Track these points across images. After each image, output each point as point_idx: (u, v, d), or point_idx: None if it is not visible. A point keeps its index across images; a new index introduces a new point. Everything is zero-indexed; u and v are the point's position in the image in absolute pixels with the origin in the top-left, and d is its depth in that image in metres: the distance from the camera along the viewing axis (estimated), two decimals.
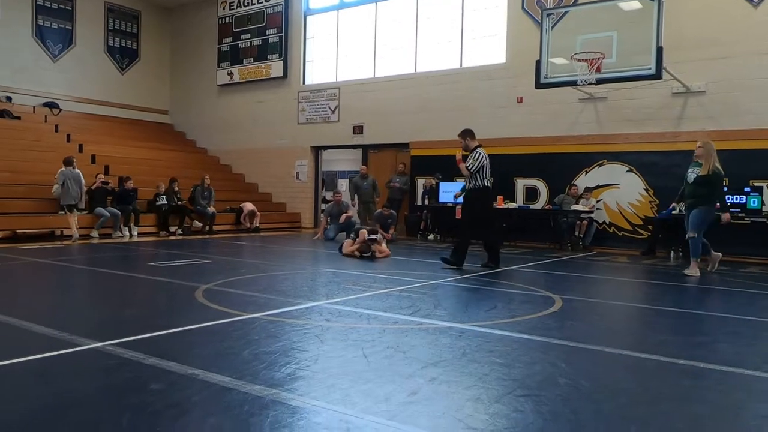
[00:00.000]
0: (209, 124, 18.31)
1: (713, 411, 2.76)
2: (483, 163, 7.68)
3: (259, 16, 17.01)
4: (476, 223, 7.87)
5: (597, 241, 11.57)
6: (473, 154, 7.74)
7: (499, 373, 3.17)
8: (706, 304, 6.05)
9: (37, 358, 3.25)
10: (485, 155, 7.75)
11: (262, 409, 2.55)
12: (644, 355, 3.63)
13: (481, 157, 7.68)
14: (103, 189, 11.91)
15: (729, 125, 10.43)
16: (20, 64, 15.73)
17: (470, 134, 8.03)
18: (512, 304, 5.27)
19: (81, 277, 7.00)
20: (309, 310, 4.76)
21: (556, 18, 10.86)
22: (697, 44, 10.60)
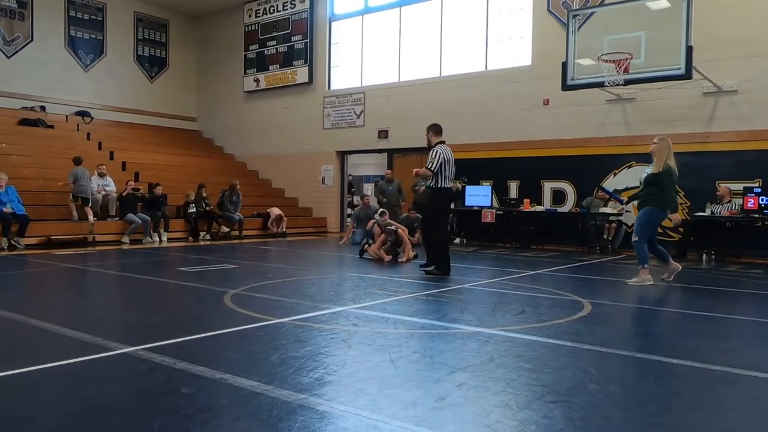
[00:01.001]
0: (236, 130, 18.52)
1: (747, 418, 2.70)
2: (442, 160, 7.27)
3: (284, 22, 17.17)
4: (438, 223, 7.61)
5: (626, 245, 11.38)
6: (432, 152, 7.38)
7: (528, 379, 3.14)
8: (739, 309, 5.91)
9: (72, 363, 3.32)
10: (445, 152, 7.36)
11: (290, 413, 2.57)
12: (676, 361, 3.57)
13: (439, 155, 7.27)
14: (134, 195, 12.13)
15: (762, 125, 10.20)
16: (53, 75, 16.12)
17: (435, 129, 7.71)
18: (540, 309, 5.22)
19: (112, 283, 7.14)
20: (336, 315, 4.78)
21: (582, 19, 10.74)
22: (728, 43, 10.39)
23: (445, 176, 7.30)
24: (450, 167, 7.36)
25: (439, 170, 7.23)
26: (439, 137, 7.59)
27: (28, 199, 11.06)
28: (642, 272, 6.99)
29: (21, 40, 15.58)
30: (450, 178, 7.39)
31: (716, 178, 10.43)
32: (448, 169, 7.35)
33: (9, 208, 10.08)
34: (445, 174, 7.29)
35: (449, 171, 7.36)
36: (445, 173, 7.30)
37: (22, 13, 15.58)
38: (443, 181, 7.32)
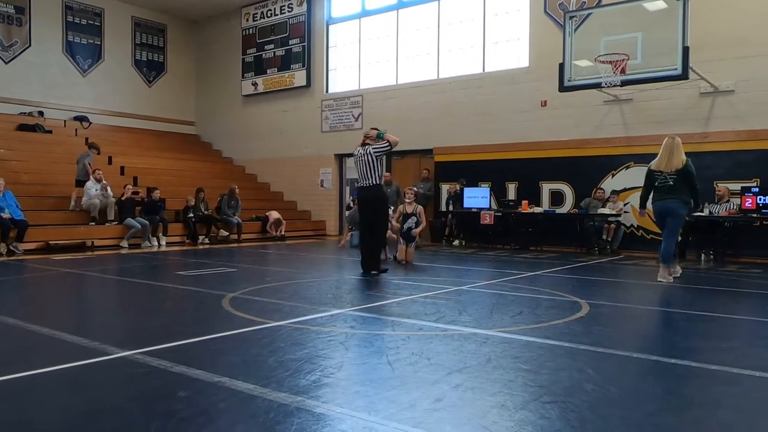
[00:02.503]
0: (235, 134, 18.54)
1: (745, 418, 2.70)
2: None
3: (282, 26, 17.20)
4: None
5: (625, 245, 11.40)
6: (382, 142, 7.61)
7: (525, 380, 3.14)
8: (738, 308, 5.91)
9: (69, 367, 3.31)
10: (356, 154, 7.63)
11: (287, 416, 2.56)
12: (674, 361, 3.57)
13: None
14: (132, 200, 12.14)
15: (759, 125, 10.22)
16: (51, 80, 16.14)
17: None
18: (538, 310, 5.21)
19: (110, 287, 7.13)
20: (334, 318, 4.78)
21: (579, 20, 10.76)
22: (725, 43, 10.41)
23: (361, 176, 7.53)
24: (358, 167, 7.58)
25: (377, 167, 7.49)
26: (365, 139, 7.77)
27: (27, 204, 11.06)
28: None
29: (19, 45, 15.59)
30: (361, 178, 7.54)
31: (714, 178, 10.43)
32: (357, 169, 7.60)
33: (7, 213, 10.09)
34: (361, 174, 7.53)
35: (358, 171, 7.58)
36: (361, 173, 7.54)
37: (19, 19, 15.60)
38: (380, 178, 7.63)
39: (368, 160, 7.43)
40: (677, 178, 7.09)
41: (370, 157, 7.44)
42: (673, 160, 7.11)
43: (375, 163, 7.45)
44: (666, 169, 7.16)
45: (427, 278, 7.36)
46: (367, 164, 7.44)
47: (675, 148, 7.13)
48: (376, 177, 7.47)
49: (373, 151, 7.48)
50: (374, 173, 7.44)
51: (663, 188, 7.19)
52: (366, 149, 7.51)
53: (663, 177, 7.17)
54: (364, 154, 7.48)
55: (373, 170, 7.44)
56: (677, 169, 7.07)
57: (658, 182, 7.22)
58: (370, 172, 7.44)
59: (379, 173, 7.51)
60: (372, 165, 7.44)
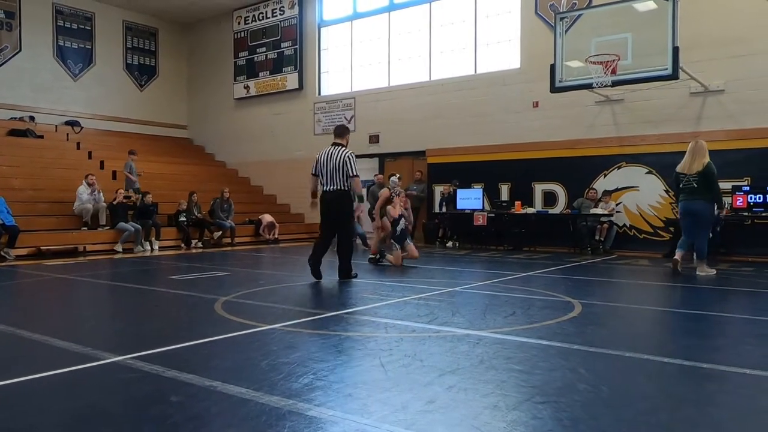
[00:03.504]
0: (227, 137, 18.50)
1: (736, 415, 2.71)
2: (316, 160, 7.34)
3: (273, 29, 17.19)
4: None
5: (617, 245, 11.45)
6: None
7: (518, 380, 3.14)
8: (729, 307, 5.94)
9: (60, 373, 3.29)
10: (321, 154, 7.31)
11: (279, 419, 2.56)
12: (666, 360, 3.58)
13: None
14: (124, 204, 12.09)
15: (749, 124, 10.29)
16: (42, 84, 16.07)
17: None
18: (531, 310, 5.23)
19: (102, 292, 7.11)
20: (327, 320, 4.77)
21: (569, 21, 10.80)
22: (715, 43, 10.48)
23: (326, 179, 7.17)
24: (320, 168, 7.23)
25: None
26: (336, 138, 7.40)
27: (18, 209, 11.00)
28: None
29: (9, 50, 15.52)
30: (325, 181, 7.18)
31: None
32: (318, 169, 7.28)
33: None
34: (325, 177, 7.18)
35: (320, 172, 7.25)
36: (326, 176, 7.18)
37: (9, 24, 15.53)
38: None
39: (341, 164, 7.05)
40: (699, 180, 7.53)
41: (343, 161, 7.06)
42: (694, 162, 7.59)
43: (345, 168, 7.06)
44: (689, 171, 7.63)
45: (421, 279, 7.36)
46: (339, 167, 7.05)
47: (698, 151, 7.61)
48: (344, 181, 7.08)
49: (349, 159, 7.09)
50: (342, 177, 7.07)
51: (687, 189, 7.65)
52: (340, 152, 7.12)
53: (687, 179, 7.64)
54: (338, 156, 7.08)
55: (342, 174, 7.06)
56: (698, 172, 7.52)
57: (683, 184, 7.70)
58: (339, 175, 7.07)
59: (347, 178, 7.09)
60: (342, 169, 7.05)
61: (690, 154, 7.67)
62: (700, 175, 7.51)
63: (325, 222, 7.35)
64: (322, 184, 7.22)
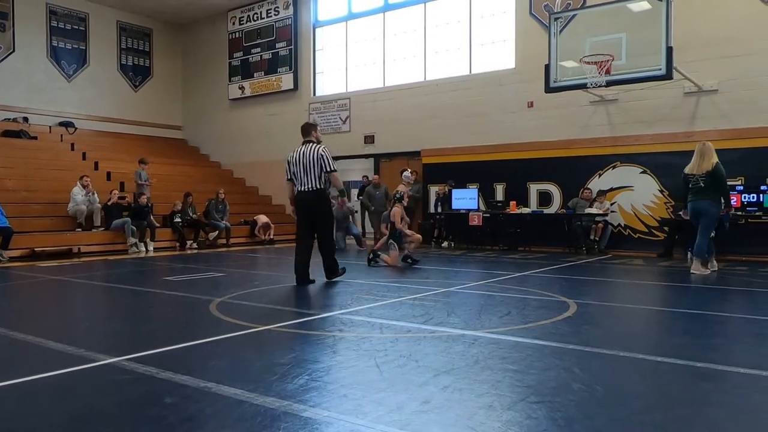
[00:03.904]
0: (222, 138, 18.46)
1: (731, 414, 2.72)
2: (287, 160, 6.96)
3: (268, 29, 17.17)
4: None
5: (612, 244, 11.47)
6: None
7: (513, 380, 3.14)
8: (724, 306, 5.96)
9: (54, 375, 3.28)
10: (292, 154, 6.94)
11: (274, 420, 2.55)
12: (661, 359, 3.59)
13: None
14: (119, 205, 12.06)
15: (743, 123, 10.32)
16: (36, 85, 16.00)
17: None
18: (526, 310, 5.23)
19: (97, 294, 7.08)
20: (322, 321, 4.77)
21: (564, 21, 10.83)
22: (708, 43, 10.51)
23: (299, 180, 6.81)
24: (293, 169, 6.85)
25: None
26: (304, 137, 7.09)
27: (12, 211, 10.95)
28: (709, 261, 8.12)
29: (2, 51, 15.45)
30: (299, 182, 6.82)
31: None
32: (291, 172, 6.89)
33: None
34: (299, 177, 6.81)
35: (293, 173, 6.87)
36: (299, 176, 6.81)
37: (3, 24, 15.46)
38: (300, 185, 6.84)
39: (314, 161, 6.72)
40: (708, 180, 7.73)
41: (316, 157, 6.73)
42: (703, 163, 7.79)
43: (320, 165, 6.75)
44: (697, 171, 7.81)
45: (416, 280, 7.36)
46: (312, 165, 6.72)
47: (705, 152, 7.82)
48: (320, 180, 6.76)
49: (323, 155, 6.77)
50: (318, 175, 6.75)
51: (695, 189, 7.86)
52: (312, 149, 6.79)
53: (695, 179, 7.84)
54: (310, 153, 6.76)
55: (318, 172, 6.74)
56: (707, 172, 7.72)
57: (692, 184, 7.90)
58: (313, 174, 6.73)
59: (324, 177, 6.82)
60: (316, 167, 6.73)
61: (698, 155, 7.87)
62: (708, 175, 7.71)
63: (303, 224, 6.92)
64: (297, 185, 6.84)
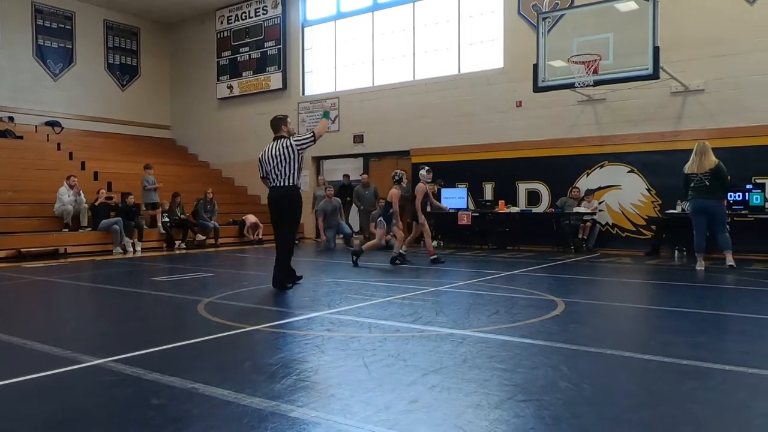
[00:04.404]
0: (211, 137, 18.37)
1: (716, 411, 2.74)
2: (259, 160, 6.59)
3: (257, 28, 17.11)
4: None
5: (600, 243, 11.54)
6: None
7: (501, 379, 3.15)
8: (710, 304, 6.00)
9: (39, 377, 3.25)
10: (265, 151, 6.56)
11: (261, 421, 2.54)
12: (647, 357, 3.61)
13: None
14: (106, 205, 11.97)
15: (729, 123, 10.41)
16: (21, 84, 15.83)
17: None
18: (515, 309, 5.25)
19: (84, 295, 7.03)
20: (310, 321, 4.76)
21: (552, 21, 10.87)
22: (695, 43, 10.60)
23: (272, 176, 6.48)
24: (265, 167, 6.52)
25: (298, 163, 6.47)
26: (275, 133, 6.68)
27: None
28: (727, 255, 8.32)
29: None
30: (272, 178, 6.49)
31: None
32: (264, 170, 6.57)
33: None
34: (272, 174, 6.48)
35: (265, 171, 6.55)
36: (272, 174, 6.47)
37: None
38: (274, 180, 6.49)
39: (287, 155, 6.33)
40: (711, 178, 8.01)
41: (289, 151, 6.34)
42: (704, 162, 8.06)
43: (295, 159, 6.37)
44: (699, 171, 8.10)
45: (405, 279, 7.36)
46: (286, 160, 6.34)
47: (705, 151, 8.12)
48: (294, 176, 6.39)
49: (296, 144, 6.37)
50: (292, 171, 6.37)
51: (700, 188, 8.12)
52: (284, 143, 6.40)
53: (698, 178, 8.09)
54: (282, 148, 6.37)
55: (291, 167, 6.36)
56: (710, 170, 8.00)
57: (694, 183, 8.17)
58: (287, 169, 6.36)
59: (297, 172, 6.43)
60: (291, 161, 6.34)
61: (698, 155, 8.14)
62: (712, 173, 7.97)
63: (275, 222, 6.67)
64: (270, 182, 6.54)
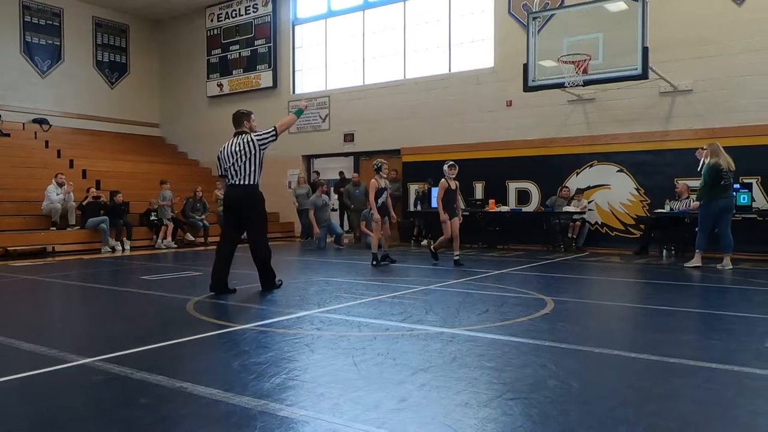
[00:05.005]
0: (200, 136, 18.27)
1: (702, 409, 2.77)
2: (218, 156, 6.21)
3: (247, 26, 17.04)
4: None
5: (590, 242, 11.60)
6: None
7: (490, 377, 3.16)
8: (698, 302, 6.06)
9: (24, 376, 3.22)
10: (224, 147, 6.16)
11: (249, 420, 2.54)
12: (635, 355, 3.64)
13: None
14: (95, 203, 11.89)
15: (717, 123, 10.49)
16: (8, 81, 15.69)
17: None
18: (504, 308, 5.26)
19: (71, 293, 6.97)
20: (300, 320, 4.75)
21: (542, 21, 10.90)
22: (683, 43, 10.67)
23: (231, 175, 6.09)
24: (224, 164, 6.14)
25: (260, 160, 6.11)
26: (236, 128, 6.30)
27: None
28: (695, 255, 8.40)
29: None
30: (230, 175, 6.10)
31: (674, 175, 10.68)
32: (221, 166, 6.21)
33: None
34: (230, 172, 6.10)
35: (224, 168, 6.16)
36: (230, 171, 6.10)
37: None
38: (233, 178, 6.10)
39: (247, 151, 5.99)
40: (733, 177, 8.26)
41: (250, 147, 6.00)
42: (729, 161, 8.10)
43: (256, 156, 6.03)
44: (730, 168, 8.12)
45: (395, 278, 7.37)
46: (246, 156, 5.99)
47: (722, 150, 8.15)
48: (254, 174, 6.04)
49: (257, 140, 6.05)
50: (253, 169, 6.02)
51: (728, 186, 8.18)
52: (244, 138, 6.07)
53: (728, 176, 8.11)
54: (242, 144, 6.02)
55: (252, 165, 6.01)
56: (732, 170, 8.17)
57: (724, 181, 8.11)
58: (247, 167, 5.99)
59: (258, 170, 6.09)
60: (251, 157, 6.00)
61: (723, 153, 8.13)
62: (733, 173, 8.17)
63: (230, 223, 6.26)
64: (228, 180, 6.15)
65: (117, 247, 11.68)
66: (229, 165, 6.07)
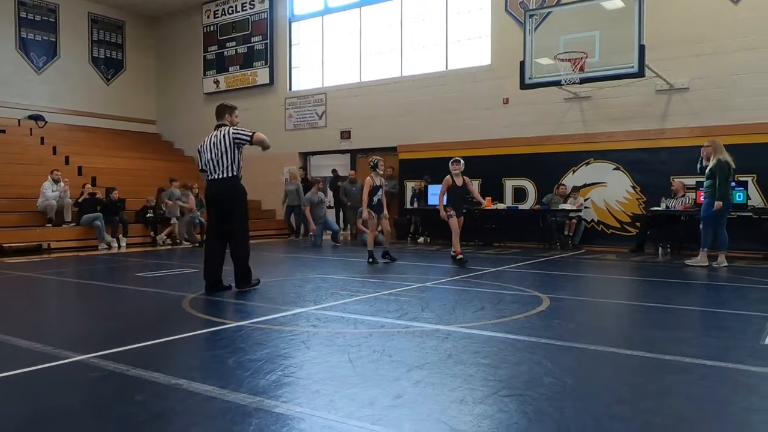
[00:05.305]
0: (196, 132, 18.09)
1: (697, 406, 2.77)
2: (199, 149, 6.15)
3: (244, 23, 17.00)
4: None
5: (586, 240, 11.62)
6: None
7: (485, 374, 3.17)
8: (693, 299, 6.08)
9: (19, 373, 3.21)
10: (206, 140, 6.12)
11: (245, 416, 2.53)
12: (630, 352, 3.65)
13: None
14: (91, 200, 11.86)
15: (713, 121, 10.50)
16: (3, 77, 15.63)
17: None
18: (500, 305, 5.27)
19: (67, 290, 6.96)
20: (296, 317, 4.75)
21: (539, 19, 10.90)
22: (680, 42, 10.68)
23: (211, 169, 6.01)
24: (205, 158, 6.07)
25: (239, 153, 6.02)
26: (218, 120, 6.27)
27: None
28: (701, 254, 8.27)
29: None
30: (210, 169, 6.02)
31: (670, 173, 10.70)
32: (201, 160, 6.15)
33: None
34: (210, 166, 6.02)
35: (204, 162, 6.10)
36: (210, 165, 6.02)
37: None
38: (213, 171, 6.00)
39: (225, 144, 5.91)
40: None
41: (227, 140, 5.91)
42: (729, 157, 8.08)
43: (234, 149, 5.92)
44: (732, 165, 8.11)
45: (392, 275, 7.37)
46: (224, 147, 5.91)
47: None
48: (233, 167, 5.92)
49: (233, 133, 5.93)
50: (230, 162, 5.90)
51: (730, 182, 8.22)
52: (223, 131, 5.99)
53: (732, 174, 8.13)
54: (221, 136, 5.97)
55: (230, 157, 5.90)
56: (733, 167, 8.14)
57: (730, 177, 8.15)
58: (225, 159, 5.89)
59: (238, 163, 5.99)
60: (229, 149, 5.89)
61: (725, 150, 8.11)
62: (733, 170, 8.14)
63: (215, 216, 6.09)
64: (208, 175, 6.05)
65: (113, 244, 11.66)
66: (209, 158, 6.00)
